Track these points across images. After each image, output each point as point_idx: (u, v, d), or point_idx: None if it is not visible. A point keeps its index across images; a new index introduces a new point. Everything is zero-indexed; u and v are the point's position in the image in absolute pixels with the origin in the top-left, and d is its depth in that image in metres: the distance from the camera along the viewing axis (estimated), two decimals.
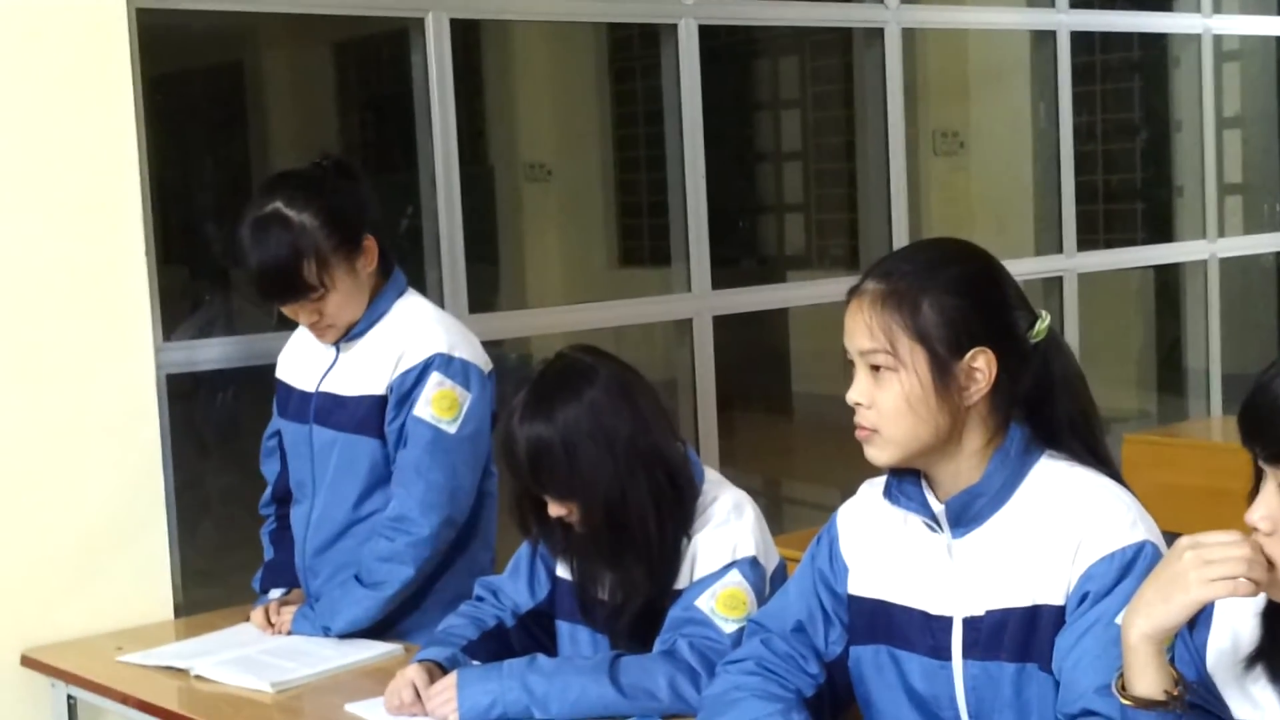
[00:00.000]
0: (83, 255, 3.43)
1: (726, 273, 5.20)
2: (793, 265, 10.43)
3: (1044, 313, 2.16)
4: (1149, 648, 1.78)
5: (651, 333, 5.89)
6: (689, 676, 2.48)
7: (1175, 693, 1.79)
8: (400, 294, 3.20)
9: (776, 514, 7.42)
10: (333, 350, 3.20)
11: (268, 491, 3.45)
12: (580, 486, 2.54)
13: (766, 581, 2.59)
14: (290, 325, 3.28)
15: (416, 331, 3.14)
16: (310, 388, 3.24)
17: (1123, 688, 1.82)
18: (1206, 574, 1.73)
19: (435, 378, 3.09)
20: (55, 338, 3.41)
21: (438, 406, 3.09)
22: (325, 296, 3.07)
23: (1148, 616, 1.78)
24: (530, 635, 2.79)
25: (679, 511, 2.59)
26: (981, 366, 2.08)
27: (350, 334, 3.17)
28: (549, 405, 2.55)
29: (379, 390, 3.13)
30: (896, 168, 5.35)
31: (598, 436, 2.53)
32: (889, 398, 2.09)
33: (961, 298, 2.09)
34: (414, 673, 2.62)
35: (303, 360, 3.29)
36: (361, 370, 3.16)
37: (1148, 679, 1.79)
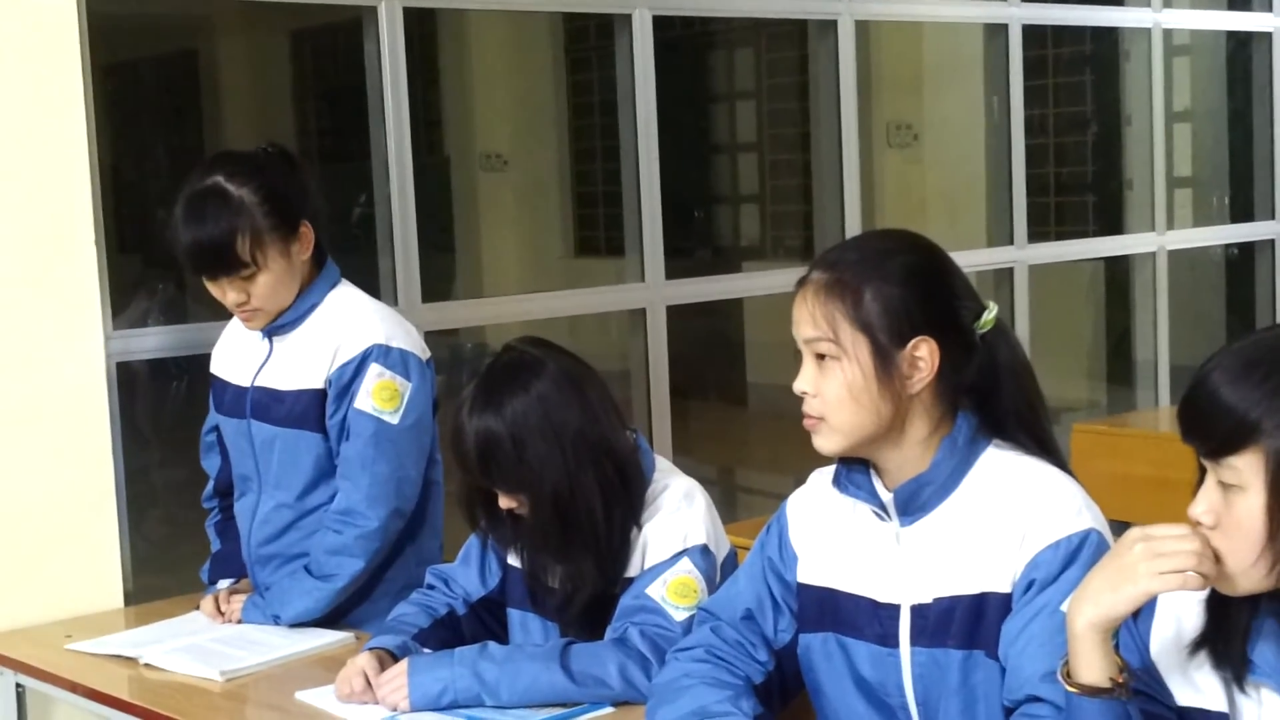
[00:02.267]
0: (32, 244, 3.40)
1: (681, 263, 5.20)
2: (747, 256, 10.43)
3: (991, 304, 2.17)
4: (1095, 636, 1.79)
5: (607, 322, 5.89)
6: (640, 664, 2.48)
7: (1120, 680, 1.80)
8: (333, 285, 3.17)
9: (730, 502, 7.44)
10: (267, 344, 3.17)
11: (210, 485, 3.43)
12: (528, 479, 2.54)
13: (717, 569, 2.60)
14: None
15: (352, 323, 3.11)
16: (245, 382, 3.21)
17: (1068, 675, 1.82)
18: (1156, 566, 1.74)
19: (374, 369, 3.07)
20: (4, 326, 3.38)
21: (378, 398, 3.06)
22: (255, 276, 3.03)
23: (1095, 605, 1.78)
24: (481, 623, 2.79)
25: (627, 503, 2.59)
26: (924, 355, 2.10)
27: (282, 325, 3.13)
28: (497, 399, 2.55)
29: (317, 384, 3.11)
30: (850, 160, 5.36)
31: (546, 430, 2.53)
32: (833, 386, 2.10)
33: (904, 287, 2.10)
34: (365, 660, 2.61)
35: (237, 354, 3.26)
36: (298, 364, 3.13)
37: (1093, 666, 1.80)
